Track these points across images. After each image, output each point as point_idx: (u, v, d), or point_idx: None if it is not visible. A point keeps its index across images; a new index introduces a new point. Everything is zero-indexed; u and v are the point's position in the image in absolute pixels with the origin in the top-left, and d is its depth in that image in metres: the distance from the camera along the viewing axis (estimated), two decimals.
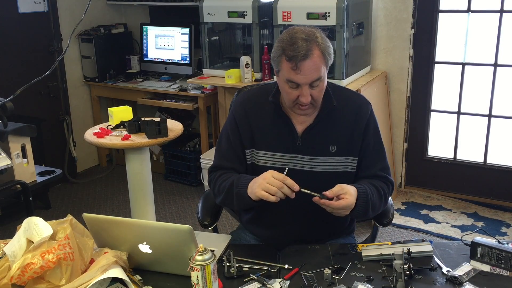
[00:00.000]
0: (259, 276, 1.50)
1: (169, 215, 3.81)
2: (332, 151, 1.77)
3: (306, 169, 1.77)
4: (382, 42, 3.79)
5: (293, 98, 1.68)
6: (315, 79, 1.64)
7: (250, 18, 3.60)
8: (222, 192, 1.76)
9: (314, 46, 1.62)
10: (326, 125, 1.77)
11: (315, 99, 1.69)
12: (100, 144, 2.78)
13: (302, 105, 1.69)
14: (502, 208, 3.67)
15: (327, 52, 1.66)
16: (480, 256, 1.54)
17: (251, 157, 1.82)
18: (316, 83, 1.66)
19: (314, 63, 1.62)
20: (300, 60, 1.61)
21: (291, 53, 1.62)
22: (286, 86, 1.68)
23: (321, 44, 1.64)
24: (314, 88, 1.67)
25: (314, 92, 1.67)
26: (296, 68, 1.62)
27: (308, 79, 1.64)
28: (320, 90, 1.69)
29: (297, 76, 1.63)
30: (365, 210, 1.68)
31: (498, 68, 3.59)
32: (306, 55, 1.61)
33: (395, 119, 3.91)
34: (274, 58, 1.69)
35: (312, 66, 1.62)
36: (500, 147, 3.74)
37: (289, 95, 1.69)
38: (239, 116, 1.83)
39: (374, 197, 1.72)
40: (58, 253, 1.39)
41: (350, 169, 1.80)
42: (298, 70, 1.62)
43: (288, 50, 1.63)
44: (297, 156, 1.77)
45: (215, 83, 3.82)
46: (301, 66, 1.61)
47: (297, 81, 1.64)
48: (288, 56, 1.62)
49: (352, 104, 1.80)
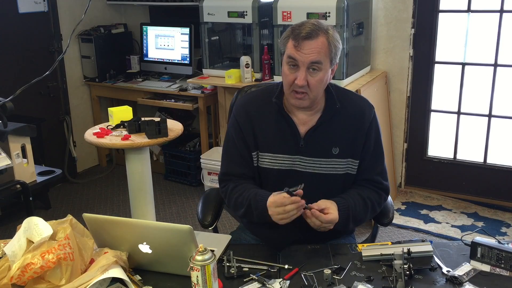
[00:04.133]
0: (259, 276, 1.50)
1: (169, 215, 3.81)
2: (335, 153, 1.77)
3: (308, 171, 1.77)
4: (382, 42, 3.79)
5: (290, 81, 1.69)
6: (314, 60, 1.65)
7: (250, 18, 3.60)
8: (239, 208, 1.78)
9: (321, 32, 1.66)
10: (329, 127, 1.77)
11: (311, 88, 1.68)
12: (100, 144, 2.78)
13: (297, 92, 1.69)
14: (502, 208, 3.67)
15: (333, 44, 1.68)
16: (480, 256, 1.54)
17: (257, 159, 1.82)
18: (315, 67, 1.66)
19: (316, 45, 1.64)
20: (303, 38, 1.64)
21: (297, 31, 1.66)
22: (286, 67, 1.70)
23: (330, 36, 1.67)
24: (311, 75, 1.67)
25: (311, 79, 1.67)
26: (298, 44, 1.65)
27: (306, 58, 1.65)
28: (319, 80, 1.69)
29: (297, 53, 1.65)
30: (345, 223, 1.71)
31: (498, 68, 3.59)
32: (310, 35, 1.64)
33: (395, 119, 3.91)
34: (283, 39, 1.72)
35: (314, 46, 1.64)
36: (500, 147, 3.74)
37: (287, 77, 1.70)
38: (241, 118, 1.82)
39: (357, 210, 1.74)
40: (58, 253, 1.39)
41: (351, 172, 1.80)
42: (298, 47, 1.65)
43: (295, 31, 1.67)
44: (299, 158, 1.77)
45: (215, 83, 3.82)
46: (303, 44, 1.64)
47: (296, 57, 1.66)
48: (294, 34, 1.67)
49: (356, 107, 1.81)
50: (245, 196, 1.75)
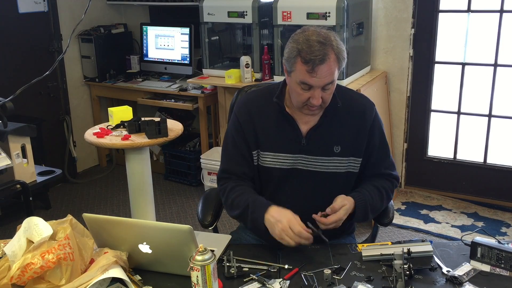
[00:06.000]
0: (259, 276, 1.50)
1: (169, 215, 3.81)
2: (336, 151, 1.78)
3: (310, 169, 1.78)
4: (382, 42, 3.79)
5: (304, 100, 1.69)
6: (329, 82, 1.66)
7: (250, 18, 3.60)
8: (235, 209, 1.78)
9: (330, 50, 1.63)
10: (330, 125, 1.79)
11: (325, 101, 1.71)
12: (100, 144, 2.78)
13: (312, 107, 1.70)
14: (502, 208, 3.66)
15: (341, 56, 1.67)
16: (480, 256, 1.54)
17: (257, 158, 1.82)
18: (328, 86, 1.67)
19: (329, 68, 1.63)
20: (317, 65, 1.61)
21: (308, 56, 1.62)
22: (298, 88, 1.69)
23: (336, 48, 1.65)
24: (325, 91, 1.68)
25: (325, 94, 1.69)
26: (312, 71, 1.62)
27: (322, 82, 1.65)
28: (331, 93, 1.71)
29: (312, 79, 1.64)
30: (364, 214, 1.76)
31: (498, 68, 3.59)
32: (323, 60, 1.61)
33: (395, 119, 3.91)
34: (289, 59, 1.68)
35: (328, 70, 1.63)
36: (500, 147, 3.74)
37: (300, 96, 1.69)
38: (242, 118, 1.83)
39: (374, 200, 1.78)
40: (58, 253, 1.39)
41: (353, 170, 1.82)
42: (314, 73, 1.63)
43: (304, 53, 1.62)
44: (302, 157, 1.78)
45: (215, 83, 3.82)
46: (318, 70, 1.62)
47: (312, 83, 1.65)
48: (304, 58, 1.62)
49: (357, 105, 1.82)
50: (244, 199, 1.75)
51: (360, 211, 1.73)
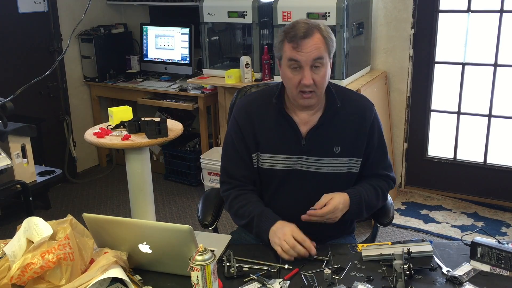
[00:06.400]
0: (259, 276, 1.50)
1: (170, 215, 3.81)
2: (336, 152, 1.78)
3: (311, 170, 1.78)
4: (382, 42, 3.79)
5: (296, 83, 1.69)
6: (316, 57, 1.66)
7: (250, 18, 3.60)
8: (240, 219, 1.80)
9: (315, 29, 1.68)
10: (330, 126, 1.78)
11: (317, 85, 1.70)
12: (100, 144, 2.78)
13: (304, 92, 1.70)
14: (502, 208, 3.66)
15: (329, 37, 1.70)
16: (480, 256, 1.54)
17: (257, 161, 1.82)
18: (318, 64, 1.67)
19: (315, 42, 1.66)
20: (301, 38, 1.65)
21: (292, 33, 1.67)
22: (288, 70, 1.70)
23: (324, 31, 1.70)
24: (315, 72, 1.68)
25: (316, 76, 1.68)
26: (297, 45, 1.66)
27: (309, 56, 1.66)
28: (323, 76, 1.70)
29: (299, 54, 1.66)
30: (359, 211, 1.77)
31: (498, 68, 3.59)
32: (307, 34, 1.66)
33: (395, 119, 3.91)
34: (277, 45, 1.74)
35: (313, 44, 1.66)
36: (500, 147, 3.74)
37: (292, 80, 1.70)
38: (241, 120, 1.83)
39: (369, 197, 1.79)
40: (58, 253, 1.39)
41: (353, 170, 1.82)
42: (299, 48, 1.66)
43: (289, 33, 1.68)
44: (302, 158, 1.78)
45: (215, 83, 3.82)
46: (302, 44, 1.65)
47: (299, 58, 1.66)
48: (290, 37, 1.67)
49: (357, 106, 1.82)
50: (249, 210, 1.77)
51: (354, 205, 1.74)
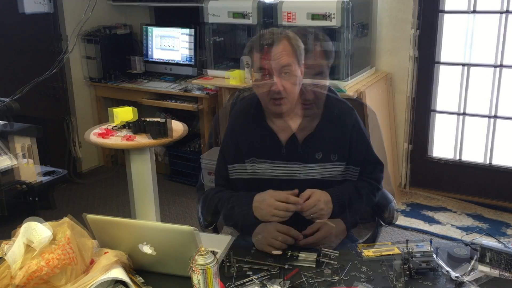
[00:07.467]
0: (259, 276, 1.51)
1: (172, 216, 3.82)
2: (318, 157, 1.78)
3: (304, 178, 1.78)
4: (385, 43, 3.79)
5: (266, 91, 1.71)
6: (284, 64, 1.67)
7: (254, 19, 3.61)
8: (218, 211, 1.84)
9: (282, 37, 1.68)
10: (325, 132, 1.79)
11: (288, 92, 1.70)
12: (104, 145, 2.79)
13: (276, 99, 1.70)
14: (507, 210, 3.65)
15: (296, 45, 1.70)
16: (484, 258, 1.53)
17: (252, 168, 1.82)
18: (286, 70, 1.68)
19: (281, 49, 1.67)
20: (268, 46, 1.66)
21: (258, 43, 1.68)
22: (258, 79, 1.72)
23: (292, 39, 1.70)
24: (285, 79, 1.69)
25: (286, 83, 1.69)
26: (265, 55, 1.66)
27: (277, 63, 1.67)
28: (293, 84, 1.71)
29: (267, 62, 1.67)
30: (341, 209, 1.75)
31: (503, 69, 3.57)
32: (273, 41, 1.66)
33: (398, 120, 3.91)
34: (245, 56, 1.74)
35: (281, 52, 1.66)
36: (504, 149, 3.72)
37: (262, 88, 1.72)
38: (233, 132, 1.86)
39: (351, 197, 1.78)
40: (62, 257, 1.38)
41: (351, 178, 1.83)
42: (266, 56, 1.66)
43: (256, 43, 1.69)
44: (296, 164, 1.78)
45: (218, 84, 3.83)
46: (269, 52, 1.66)
47: (266, 66, 1.67)
48: (257, 47, 1.68)
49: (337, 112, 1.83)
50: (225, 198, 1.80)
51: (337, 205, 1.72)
